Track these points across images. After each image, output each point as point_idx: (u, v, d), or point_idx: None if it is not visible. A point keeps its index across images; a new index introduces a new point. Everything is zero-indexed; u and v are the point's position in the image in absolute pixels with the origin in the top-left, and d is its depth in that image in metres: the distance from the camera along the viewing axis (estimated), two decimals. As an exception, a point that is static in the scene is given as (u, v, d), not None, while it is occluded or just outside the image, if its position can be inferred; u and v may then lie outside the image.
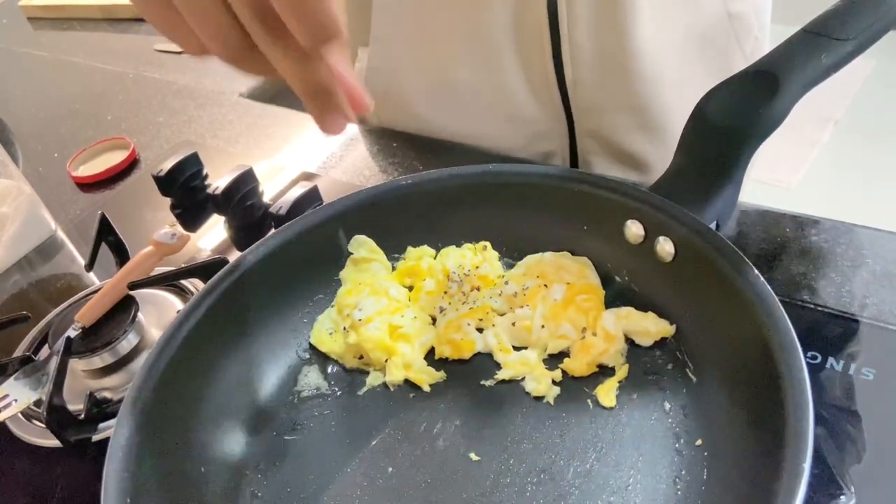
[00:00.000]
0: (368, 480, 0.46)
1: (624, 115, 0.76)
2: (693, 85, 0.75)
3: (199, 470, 0.46)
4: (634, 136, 0.77)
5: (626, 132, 0.77)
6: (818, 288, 0.55)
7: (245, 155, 0.87)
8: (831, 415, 0.46)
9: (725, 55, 0.75)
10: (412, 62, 0.78)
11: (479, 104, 0.78)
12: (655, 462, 0.44)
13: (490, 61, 0.74)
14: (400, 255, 0.60)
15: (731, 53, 0.76)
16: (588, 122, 0.78)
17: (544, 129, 0.79)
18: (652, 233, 0.50)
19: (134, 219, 0.80)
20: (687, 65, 0.74)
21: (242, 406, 0.51)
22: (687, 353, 0.48)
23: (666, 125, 0.76)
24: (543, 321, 0.51)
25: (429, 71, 0.78)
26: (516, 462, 0.45)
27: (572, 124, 0.78)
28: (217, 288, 0.51)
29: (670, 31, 0.71)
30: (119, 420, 0.44)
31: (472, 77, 0.76)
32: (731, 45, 0.75)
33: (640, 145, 0.78)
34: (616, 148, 0.78)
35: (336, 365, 0.54)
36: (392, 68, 0.80)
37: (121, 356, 0.59)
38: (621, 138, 0.78)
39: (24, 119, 1.10)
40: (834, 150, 2.34)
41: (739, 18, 0.74)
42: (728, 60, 0.76)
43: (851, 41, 0.51)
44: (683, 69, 0.74)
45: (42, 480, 0.54)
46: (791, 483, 0.34)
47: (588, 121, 0.77)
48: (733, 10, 0.73)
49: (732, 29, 0.74)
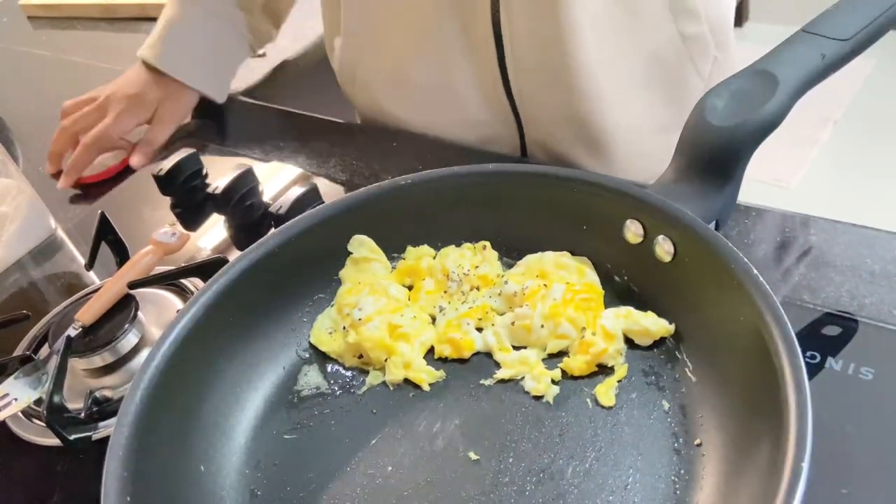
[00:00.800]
0: (368, 479, 0.46)
1: (567, 127, 0.76)
2: (640, 103, 0.76)
3: (199, 469, 0.46)
4: (578, 149, 0.78)
5: (569, 145, 0.78)
6: (817, 288, 0.55)
7: (245, 155, 0.87)
8: (830, 414, 0.46)
9: (678, 76, 0.76)
10: (374, 56, 0.82)
11: (434, 103, 0.80)
12: (654, 461, 0.44)
13: (442, 64, 0.76)
14: (399, 254, 0.60)
15: (685, 74, 0.76)
16: (535, 131, 0.79)
17: (495, 134, 0.81)
18: (651, 232, 0.51)
19: (134, 218, 0.80)
20: (634, 84, 0.74)
21: (242, 405, 0.51)
22: (686, 352, 0.48)
23: (608, 141, 0.76)
24: (543, 321, 0.51)
25: (388, 66, 0.81)
26: (515, 461, 0.46)
27: (522, 131, 0.80)
28: (216, 287, 0.52)
29: (615, 50, 0.72)
30: (119, 419, 0.44)
31: (426, 76, 0.78)
32: (684, 66, 0.75)
33: (583, 159, 0.79)
34: (561, 159, 0.80)
35: (336, 364, 0.54)
36: (358, 60, 0.84)
37: (121, 355, 0.59)
38: (565, 149, 0.79)
39: (24, 118, 1.09)
40: (834, 149, 2.34)
41: (694, 40, 0.74)
42: (682, 81, 0.76)
43: (850, 41, 0.51)
44: (630, 88, 0.74)
45: (42, 479, 0.54)
46: (790, 482, 0.34)
47: (535, 129, 0.79)
48: (687, 32, 0.73)
49: (687, 50, 0.74)
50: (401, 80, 0.81)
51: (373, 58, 0.82)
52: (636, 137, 0.77)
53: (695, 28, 0.73)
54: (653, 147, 0.77)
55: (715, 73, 0.77)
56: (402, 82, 0.81)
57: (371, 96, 0.86)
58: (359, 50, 0.83)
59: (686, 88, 0.76)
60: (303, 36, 1.12)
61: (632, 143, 0.77)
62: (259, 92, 1.04)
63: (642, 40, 0.73)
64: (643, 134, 0.78)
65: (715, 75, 0.77)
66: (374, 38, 0.80)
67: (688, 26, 0.73)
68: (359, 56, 0.84)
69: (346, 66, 0.86)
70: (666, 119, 0.77)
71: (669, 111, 0.77)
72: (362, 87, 0.86)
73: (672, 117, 0.76)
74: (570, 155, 0.79)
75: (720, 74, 0.77)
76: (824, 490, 0.43)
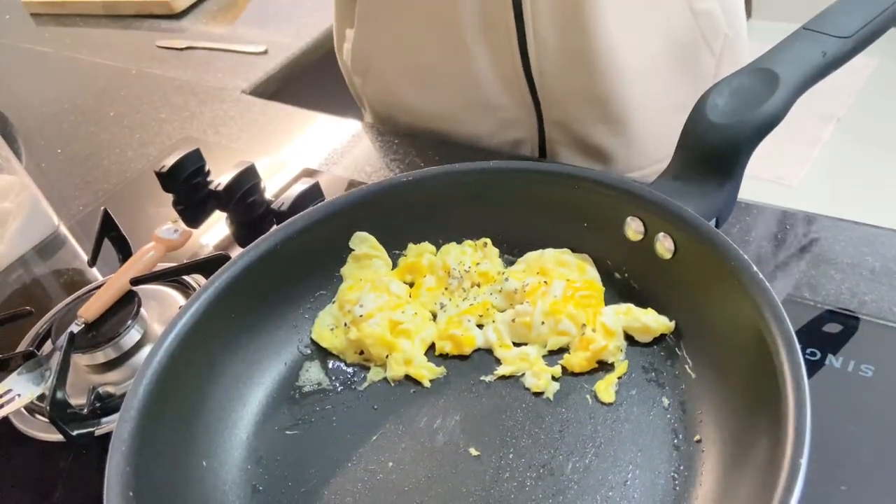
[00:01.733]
0: (369, 475, 0.46)
1: (587, 107, 0.77)
2: (658, 81, 0.76)
3: (201, 464, 0.46)
4: (598, 127, 0.78)
5: (589, 124, 0.78)
6: (818, 285, 0.55)
7: (247, 151, 0.87)
8: (830, 411, 0.46)
9: (692, 53, 0.76)
10: (389, 45, 0.81)
11: (450, 89, 0.80)
12: (654, 457, 0.44)
13: (459, 49, 0.76)
14: (401, 251, 0.60)
15: (698, 51, 0.77)
16: (554, 113, 0.79)
17: (513, 118, 0.80)
18: (652, 230, 0.51)
19: (136, 215, 0.80)
20: (651, 61, 0.75)
21: (244, 400, 0.51)
22: (686, 349, 0.49)
23: (628, 119, 0.77)
24: (543, 317, 0.52)
25: (404, 54, 0.81)
26: (516, 457, 0.46)
27: (541, 113, 0.79)
28: (218, 284, 0.52)
29: (633, 28, 0.72)
30: (122, 414, 0.44)
31: (442, 63, 0.78)
32: (697, 43, 0.76)
33: (603, 137, 0.79)
34: (581, 138, 0.80)
35: (337, 360, 0.55)
36: (372, 49, 0.83)
37: (123, 351, 0.59)
38: (586, 129, 0.79)
39: (27, 115, 1.10)
40: (836, 148, 2.34)
41: (706, 16, 0.75)
42: (695, 58, 0.77)
43: (851, 38, 0.51)
44: (647, 65, 0.75)
45: (45, 475, 0.55)
46: (789, 478, 0.34)
47: (554, 111, 0.79)
48: (698, 8, 0.74)
49: (698, 27, 0.75)
50: (417, 67, 0.80)
51: (388, 45, 0.82)
52: (654, 115, 0.78)
53: (706, 4, 0.74)
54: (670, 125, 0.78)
55: (726, 52, 0.78)
56: (418, 69, 0.80)
57: (385, 87, 0.85)
58: (373, 38, 0.82)
59: (699, 66, 0.77)
60: (305, 33, 1.13)
61: (650, 122, 0.78)
62: (261, 89, 1.04)
63: (658, 17, 0.73)
64: (661, 112, 0.78)
65: (726, 54, 0.78)
66: (390, 25, 0.80)
67: (699, 2, 0.74)
68: (373, 45, 0.83)
69: (359, 56, 0.85)
70: (681, 97, 0.77)
71: (684, 89, 0.78)
72: (376, 77, 0.85)
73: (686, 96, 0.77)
74: (590, 134, 0.79)
75: (731, 53, 0.78)
76: (823, 486, 0.43)
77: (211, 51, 1.14)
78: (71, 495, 0.53)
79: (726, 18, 0.76)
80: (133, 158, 0.91)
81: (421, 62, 0.79)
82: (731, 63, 0.79)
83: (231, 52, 1.12)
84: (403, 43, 0.80)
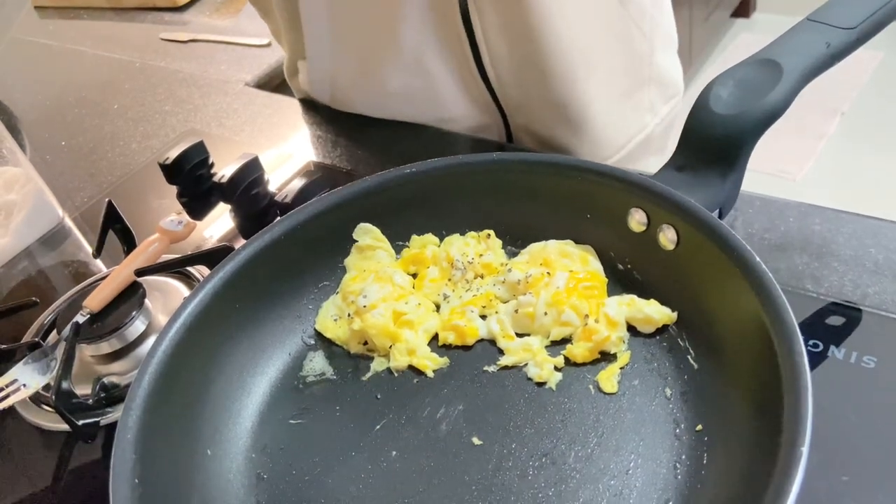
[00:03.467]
0: (372, 464, 0.47)
1: (547, 110, 0.78)
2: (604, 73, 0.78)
3: (206, 453, 0.47)
4: (560, 128, 0.79)
5: (551, 126, 0.79)
6: (821, 277, 0.55)
7: (250, 144, 0.87)
8: (832, 402, 0.47)
9: (626, 38, 0.79)
10: (346, 75, 0.82)
11: (417, 108, 0.81)
12: (656, 447, 0.44)
13: (418, 66, 0.77)
14: (404, 242, 0.60)
15: (631, 35, 0.79)
16: (518, 118, 0.81)
17: (482, 125, 0.82)
18: (655, 221, 0.51)
19: (141, 207, 0.81)
20: (595, 55, 0.76)
21: (248, 390, 0.51)
22: (688, 340, 0.49)
23: (585, 115, 0.78)
24: (546, 308, 0.52)
25: (363, 82, 0.82)
26: (518, 446, 0.46)
27: (507, 119, 0.81)
28: (223, 274, 0.52)
29: (575, 28, 0.73)
30: (127, 403, 0.44)
31: (404, 82, 0.79)
32: (629, 27, 0.78)
33: (567, 137, 0.80)
34: (547, 140, 0.81)
35: (341, 351, 0.55)
36: (330, 80, 0.84)
37: (128, 342, 0.60)
38: (549, 132, 0.80)
39: (31, 107, 1.10)
40: (840, 142, 2.33)
41: (631, 2, 0.77)
42: (630, 43, 0.79)
43: (856, 30, 0.51)
44: (592, 60, 0.76)
45: (51, 463, 0.55)
46: (789, 466, 0.34)
47: (518, 116, 0.80)
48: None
49: (627, 11, 0.77)
50: (379, 93, 0.81)
51: (346, 77, 0.83)
52: (607, 106, 0.80)
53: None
54: (623, 112, 0.82)
55: (654, 30, 0.81)
56: (380, 92, 0.81)
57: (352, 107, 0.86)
58: (329, 71, 0.83)
59: (635, 49, 0.80)
60: (308, 26, 1.12)
61: (605, 113, 0.80)
62: (264, 81, 1.04)
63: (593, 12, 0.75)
64: (613, 101, 0.80)
65: (655, 31, 0.81)
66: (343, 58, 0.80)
67: None
68: (330, 77, 0.83)
69: (320, 87, 0.85)
70: (627, 82, 0.81)
71: (628, 74, 0.81)
72: (340, 101, 0.86)
73: (631, 79, 0.81)
74: (554, 136, 0.80)
75: (659, 30, 0.82)
76: (825, 477, 0.43)
77: (214, 43, 1.14)
78: (77, 484, 0.54)
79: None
80: (137, 151, 0.92)
81: (381, 87, 0.80)
82: (661, 41, 0.82)
83: (234, 45, 1.13)
84: (359, 71, 0.81)
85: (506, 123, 0.82)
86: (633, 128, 0.83)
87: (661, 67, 0.84)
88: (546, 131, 0.80)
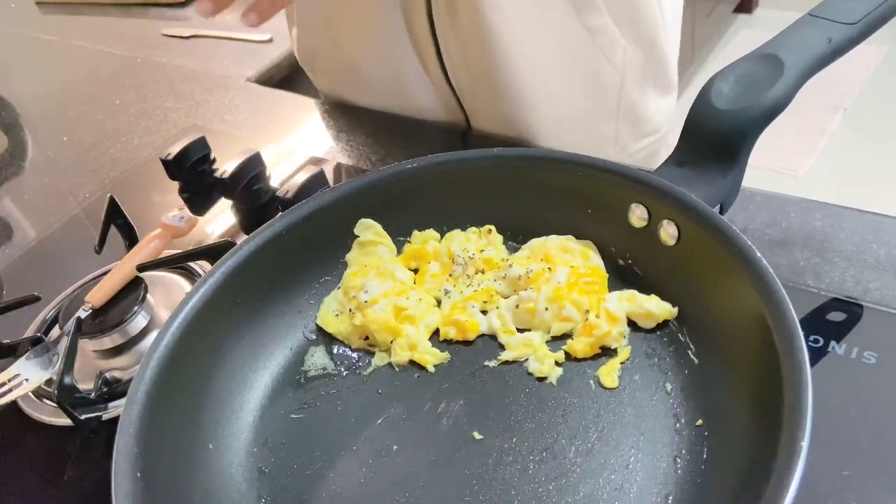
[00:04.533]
0: (373, 458, 0.47)
1: (500, 120, 0.78)
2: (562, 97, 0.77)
3: (208, 446, 0.47)
4: (517, 140, 0.79)
5: (510, 136, 0.79)
6: (822, 272, 0.56)
7: (252, 139, 0.87)
8: (833, 398, 0.47)
9: (592, 67, 0.76)
10: (327, 50, 0.84)
11: (387, 92, 0.82)
12: (656, 441, 0.44)
13: (390, 56, 0.78)
14: (405, 238, 0.60)
15: (598, 65, 0.76)
16: (477, 122, 0.81)
17: (448, 122, 0.82)
18: (655, 216, 0.51)
19: (142, 202, 0.81)
20: (552, 77, 0.76)
21: (250, 385, 0.52)
22: (689, 335, 0.49)
23: (539, 133, 0.78)
24: (547, 303, 0.52)
25: (341, 60, 0.83)
26: (519, 441, 0.46)
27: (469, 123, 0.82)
28: (224, 269, 0.52)
29: (531, 47, 0.73)
30: (129, 397, 0.44)
31: (377, 68, 0.80)
32: (596, 58, 0.76)
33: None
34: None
35: (342, 346, 0.55)
36: (313, 51, 0.86)
37: (130, 337, 0.60)
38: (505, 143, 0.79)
39: (34, 103, 1.10)
40: (843, 138, 2.33)
41: (600, 32, 0.74)
42: (596, 72, 0.77)
43: (857, 25, 0.51)
44: (549, 81, 0.76)
45: (53, 458, 0.55)
46: (789, 461, 0.34)
47: (477, 121, 0.81)
48: (591, 25, 0.74)
49: (595, 42, 0.75)
50: (355, 71, 0.83)
51: (327, 49, 0.84)
52: (561, 128, 0.79)
53: (597, 20, 0.74)
54: (582, 139, 0.80)
55: (629, 63, 0.78)
56: (356, 72, 0.83)
57: (330, 84, 0.89)
58: (314, 41, 0.86)
59: (602, 79, 0.78)
60: (310, 21, 1.12)
61: (561, 137, 0.79)
62: (266, 77, 1.04)
63: (552, 36, 0.74)
64: (570, 127, 0.79)
65: (629, 65, 0.78)
66: (327, 31, 0.82)
67: (591, 19, 0.73)
68: (315, 47, 0.86)
69: (304, 53, 0.89)
70: (590, 111, 0.79)
71: (591, 103, 0.79)
72: (321, 74, 0.90)
73: (592, 108, 0.79)
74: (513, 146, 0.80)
75: (634, 65, 0.78)
76: (826, 471, 0.43)
77: (216, 39, 1.14)
78: (79, 478, 0.54)
79: (623, 32, 0.76)
80: (139, 146, 0.92)
81: (357, 67, 0.82)
82: (637, 75, 0.79)
83: (236, 41, 1.12)
84: (338, 49, 0.82)
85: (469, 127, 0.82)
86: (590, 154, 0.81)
87: (635, 103, 0.81)
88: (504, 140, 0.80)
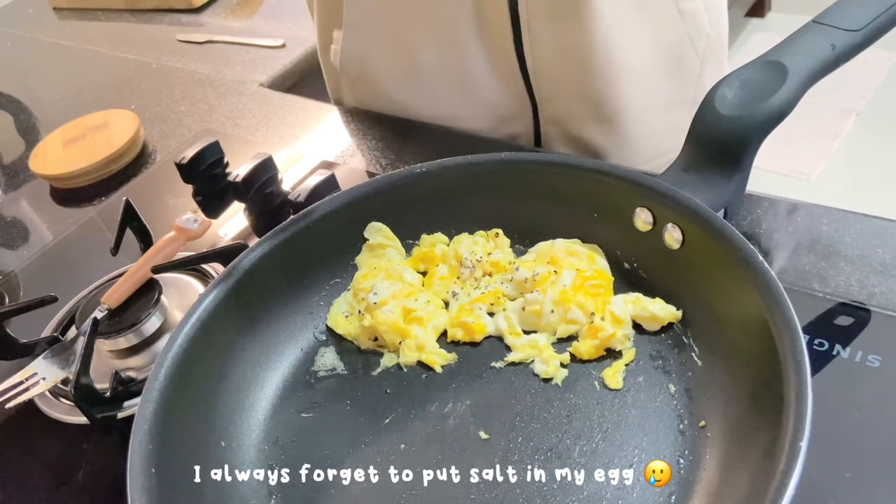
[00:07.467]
0: (381, 457, 0.48)
1: (581, 105, 0.77)
2: (647, 80, 0.77)
3: (220, 444, 0.48)
4: (591, 125, 0.79)
5: (583, 122, 0.79)
6: (827, 276, 0.56)
7: (264, 143, 0.88)
8: (837, 400, 0.47)
9: (678, 53, 0.77)
10: (381, 46, 0.81)
11: (447, 88, 0.80)
12: (659, 442, 0.45)
13: (454, 48, 0.76)
14: (414, 241, 0.61)
15: (683, 51, 0.77)
16: (550, 110, 0.80)
17: (510, 114, 0.81)
18: (660, 220, 0.51)
19: (157, 205, 0.82)
20: (641, 60, 0.75)
21: (261, 384, 0.53)
22: (693, 337, 0.49)
23: (620, 117, 0.78)
24: (553, 306, 0.52)
25: (397, 55, 0.81)
26: (524, 441, 0.47)
27: (537, 110, 0.80)
28: (236, 272, 0.53)
29: (626, 27, 0.73)
30: (144, 395, 0.45)
31: (438, 62, 0.78)
32: (683, 43, 0.77)
33: (596, 136, 0.80)
34: (575, 136, 0.81)
35: (351, 346, 0.56)
36: (363, 51, 0.83)
37: (145, 337, 0.61)
38: (579, 127, 0.79)
39: (50, 107, 1.12)
40: (855, 142, 2.31)
41: (690, 17, 0.75)
42: (680, 58, 0.77)
43: (861, 31, 0.51)
44: (638, 64, 0.75)
45: (69, 456, 0.56)
46: (788, 462, 0.35)
47: (550, 108, 0.79)
48: (684, 8, 0.74)
49: (684, 27, 0.76)
50: (413, 68, 0.81)
51: (382, 47, 0.81)
52: (644, 115, 0.79)
53: (691, 4, 0.75)
54: (659, 125, 0.80)
55: (709, 52, 0.79)
56: (415, 70, 0.81)
57: (377, 88, 0.85)
58: (366, 40, 0.81)
59: (685, 65, 0.78)
60: (322, 27, 1.13)
61: (640, 121, 0.79)
62: (279, 82, 1.05)
63: (648, 16, 0.74)
64: (650, 111, 0.79)
65: (709, 54, 0.79)
66: (383, 27, 0.80)
67: (685, 2, 0.74)
68: (366, 47, 0.82)
69: (350, 58, 0.84)
70: (669, 96, 0.79)
71: (672, 88, 0.79)
72: (367, 78, 0.85)
73: (674, 95, 0.79)
74: (584, 133, 0.80)
75: (712, 54, 0.79)
76: (828, 473, 0.44)
77: (230, 44, 1.16)
78: (94, 476, 0.55)
79: (709, 19, 0.77)
80: (154, 150, 0.93)
81: (417, 63, 0.80)
82: (712, 64, 0.80)
83: (249, 46, 1.14)
84: (395, 43, 0.80)
85: (535, 114, 0.81)
86: (664, 144, 0.80)
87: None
88: (576, 128, 0.79)
